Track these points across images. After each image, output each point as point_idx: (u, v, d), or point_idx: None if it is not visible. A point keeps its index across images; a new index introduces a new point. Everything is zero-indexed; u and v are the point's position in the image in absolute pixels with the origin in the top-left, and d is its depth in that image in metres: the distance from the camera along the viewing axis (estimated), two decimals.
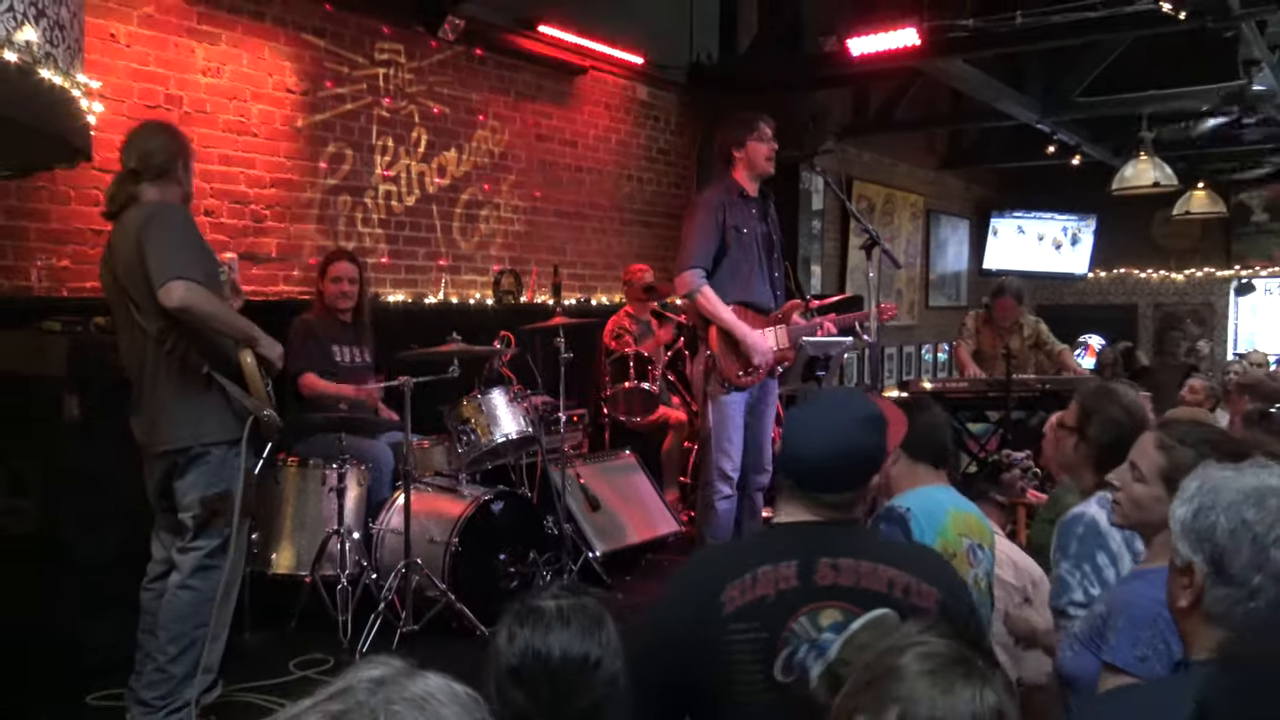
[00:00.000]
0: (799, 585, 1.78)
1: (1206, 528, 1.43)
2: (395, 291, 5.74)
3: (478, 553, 4.37)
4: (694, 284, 4.48)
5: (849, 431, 1.89)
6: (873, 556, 1.84)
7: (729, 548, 1.99)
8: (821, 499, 1.87)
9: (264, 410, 3.27)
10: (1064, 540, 2.54)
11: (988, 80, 7.35)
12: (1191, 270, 11.96)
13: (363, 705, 0.76)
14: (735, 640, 1.74)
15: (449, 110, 6.00)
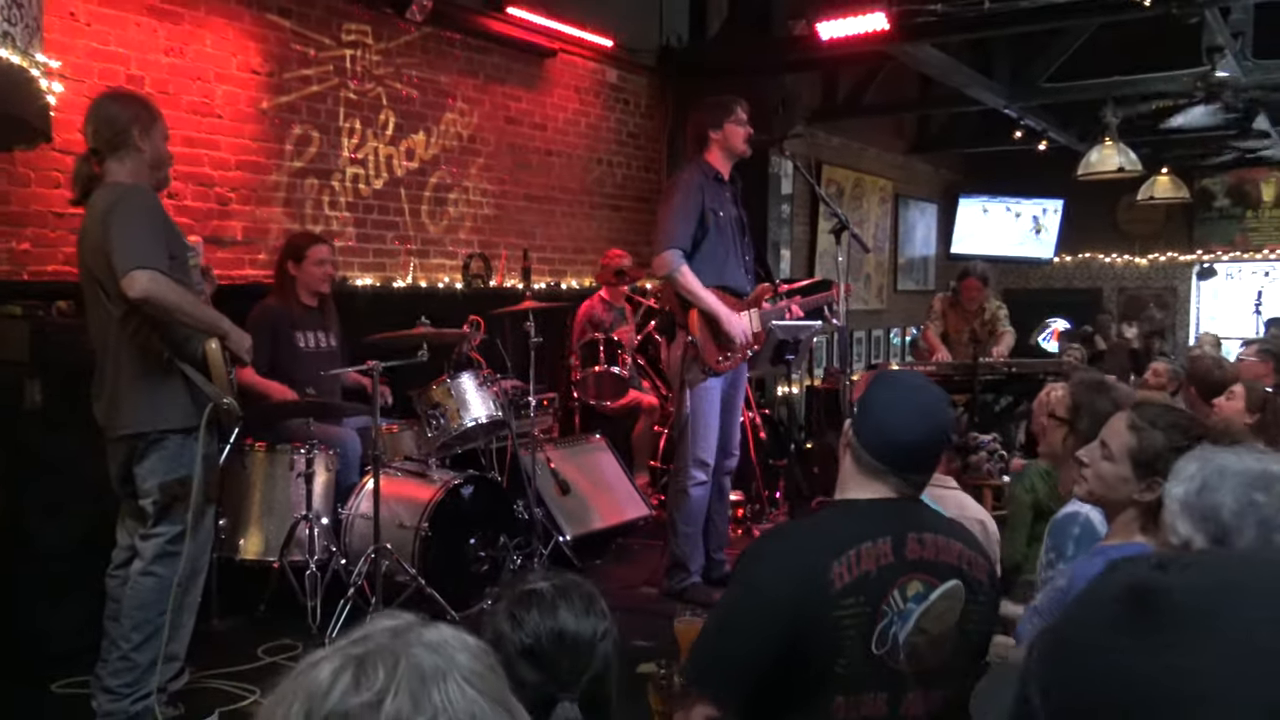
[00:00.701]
0: (894, 560, 1.85)
1: (1211, 507, 1.45)
2: (363, 275, 5.70)
3: (448, 537, 4.36)
4: (673, 264, 4.46)
5: (945, 416, 2.00)
6: (945, 531, 1.95)
7: (820, 524, 2.00)
8: (910, 479, 1.94)
9: (224, 399, 3.23)
10: (1059, 541, 2.53)
11: (956, 65, 7.39)
12: (1155, 255, 12.10)
13: (384, 648, 0.80)
14: (844, 615, 1.81)
15: (417, 93, 5.95)
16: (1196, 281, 12.03)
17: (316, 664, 0.81)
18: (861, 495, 1.95)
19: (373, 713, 0.76)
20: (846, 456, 1.99)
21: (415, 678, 0.78)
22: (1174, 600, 0.59)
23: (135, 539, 3.30)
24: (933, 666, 1.87)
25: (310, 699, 0.78)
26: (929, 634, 1.84)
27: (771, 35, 7.45)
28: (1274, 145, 9.69)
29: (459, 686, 0.79)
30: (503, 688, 0.85)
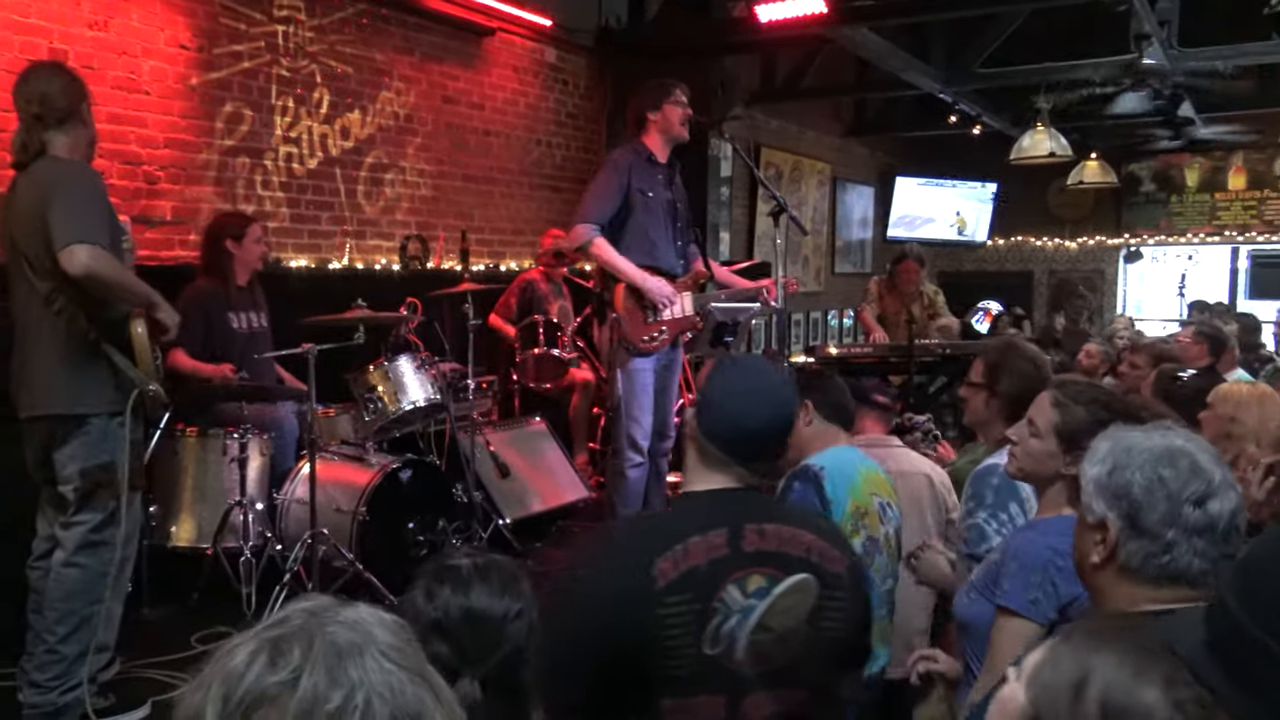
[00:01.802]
0: (729, 553, 1.77)
1: (1122, 485, 1.50)
2: (297, 257, 5.60)
3: (386, 521, 4.32)
4: (587, 236, 4.46)
5: (786, 399, 1.91)
6: (791, 521, 1.86)
7: (653, 519, 1.93)
8: (752, 467, 1.88)
9: (150, 384, 3.16)
10: (979, 490, 2.63)
11: (893, 50, 7.45)
12: (1084, 238, 12.37)
13: (300, 628, 0.81)
14: (670, 613, 1.72)
15: (352, 70, 5.85)
16: (1124, 264, 12.33)
17: (233, 648, 0.81)
18: (704, 487, 1.88)
19: (289, 691, 0.77)
20: (691, 448, 1.93)
21: (331, 654, 0.79)
22: None
23: (56, 528, 3.21)
24: (782, 665, 1.78)
25: (227, 681, 0.79)
26: (775, 631, 1.75)
27: (710, 17, 7.45)
28: (1198, 132, 9.95)
29: (376, 661, 0.80)
30: (422, 661, 0.85)
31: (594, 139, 7.71)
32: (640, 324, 4.52)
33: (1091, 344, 6.65)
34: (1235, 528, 1.46)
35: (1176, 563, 1.45)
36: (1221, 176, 11.67)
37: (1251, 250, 11.75)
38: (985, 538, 2.55)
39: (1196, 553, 1.44)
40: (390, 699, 0.79)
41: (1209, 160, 11.66)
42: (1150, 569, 1.47)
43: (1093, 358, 6.00)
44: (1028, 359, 2.81)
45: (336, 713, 0.77)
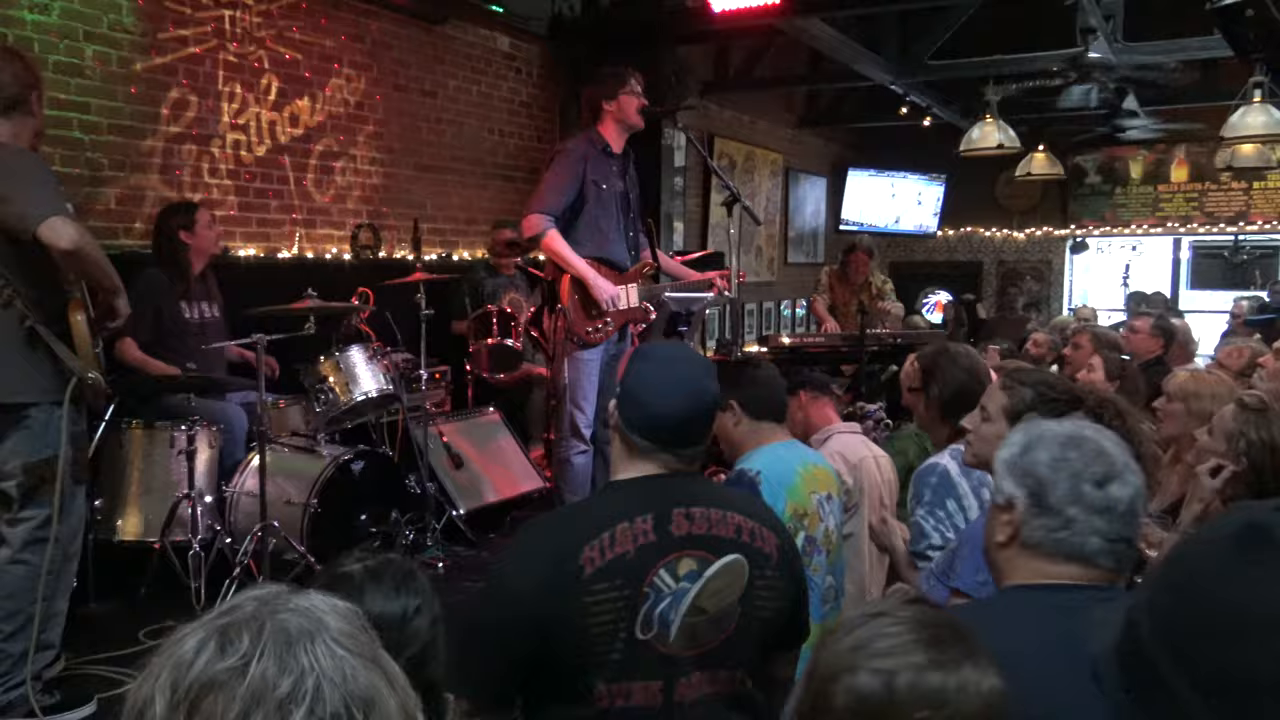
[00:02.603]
0: (656, 539, 1.78)
1: (1030, 463, 1.56)
2: (246, 246, 5.52)
3: (338, 513, 4.29)
4: (541, 227, 4.44)
5: (703, 384, 1.92)
6: (719, 504, 1.88)
7: (578, 509, 1.94)
8: (680, 453, 1.88)
9: (89, 373, 3.09)
10: (919, 489, 2.70)
11: (844, 41, 7.50)
12: (1031, 229, 12.56)
13: (250, 616, 0.81)
14: (597, 601, 1.73)
15: (301, 57, 5.77)
16: (1070, 255, 12.54)
17: (182, 637, 0.81)
18: (631, 475, 1.89)
19: (238, 677, 0.77)
20: (616, 438, 1.94)
21: (281, 641, 0.79)
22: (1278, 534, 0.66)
23: (1, 526, 3.13)
24: (716, 646, 1.80)
25: (175, 670, 0.79)
26: (709, 612, 1.78)
27: (664, 7, 7.44)
28: (1142, 125, 10.14)
29: (327, 648, 0.80)
30: (375, 648, 0.85)
31: (547, 128, 7.68)
32: (585, 315, 4.52)
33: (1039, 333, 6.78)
34: (1134, 512, 1.53)
35: (1075, 539, 1.51)
36: (1164, 169, 11.90)
37: (1193, 241, 12.01)
38: (924, 535, 2.63)
39: (1094, 531, 1.51)
40: (341, 684, 0.79)
41: (1152, 153, 11.88)
42: (1049, 545, 1.53)
43: (1040, 346, 6.12)
44: (958, 363, 2.89)
45: (286, 698, 0.77)
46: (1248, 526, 0.68)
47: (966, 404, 2.72)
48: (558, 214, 4.47)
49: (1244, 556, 0.67)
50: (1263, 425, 2.35)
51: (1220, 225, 11.67)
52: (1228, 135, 7.53)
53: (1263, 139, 8.00)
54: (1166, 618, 0.69)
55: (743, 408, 2.76)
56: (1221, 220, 11.65)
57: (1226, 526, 0.71)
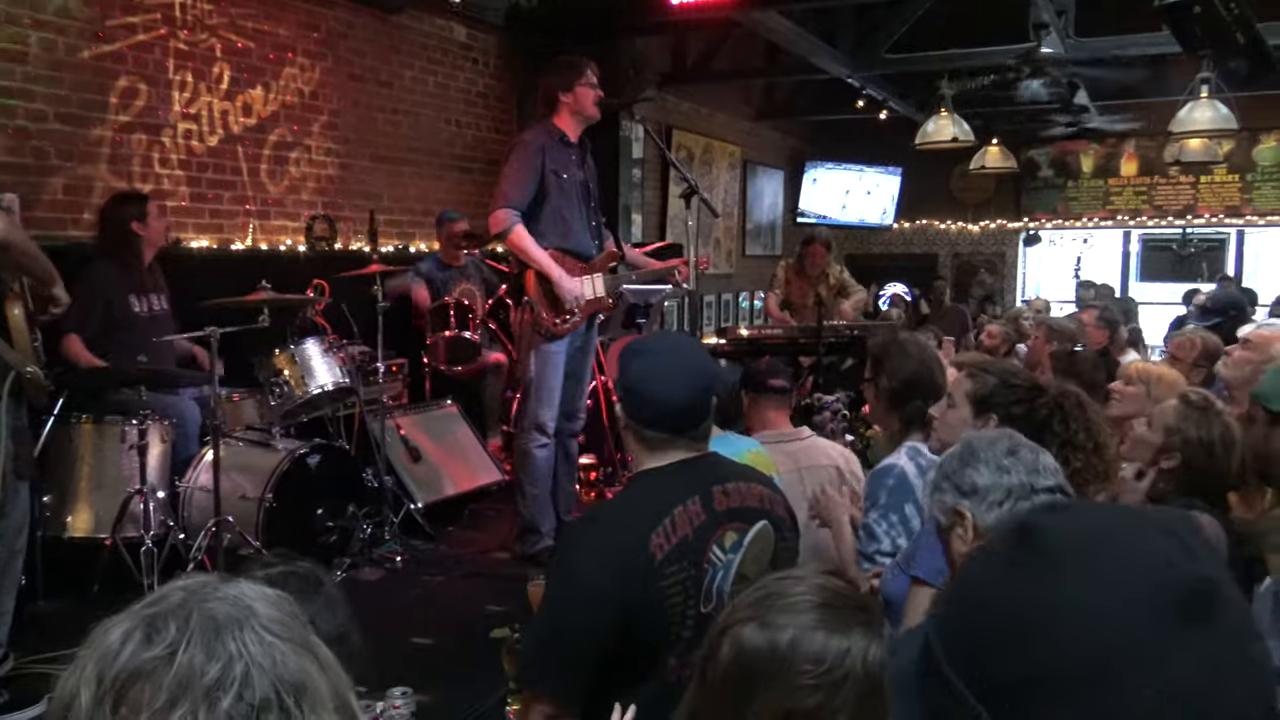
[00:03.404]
0: (706, 517, 1.90)
1: (951, 472, 1.72)
2: (198, 237, 5.44)
3: (294, 508, 4.25)
4: (507, 222, 4.42)
5: (702, 366, 2.03)
6: (743, 477, 2.02)
7: (629, 500, 2.00)
8: (696, 435, 1.98)
9: (27, 367, 3.03)
10: (874, 490, 2.69)
11: (801, 34, 7.53)
12: (986, 222, 12.71)
13: (177, 605, 0.81)
14: (670, 584, 1.83)
15: (254, 45, 5.68)
16: (1023, 247, 12.71)
17: (108, 628, 0.81)
18: (658, 464, 1.97)
19: (165, 666, 0.77)
20: (629, 437, 2.00)
21: (209, 629, 0.79)
22: (1050, 538, 0.67)
23: None
24: None
25: (101, 660, 0.78)
26: (750, 578, 1.87)
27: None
28: (1093, 119, 10.28)
29: (256, 634, 0.80)
30: (305, 634, 0.85)
31: (505, 119, 7.64)
32: (553, 308, 4.51)
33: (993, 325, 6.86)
34: (1052, 468, 1.67)
35: (1021, 505, 1.62)
36: (1115, 163, 12.10)
37: (1142, 234, 12.22)
38: (875, 538, 2.61)
39: (1031, 489, 1.63)
40: (270, 669, 0.79)
41: (1103, 147, 12.07)
42: (1003, 520, 1.61)
43: (994, 338, 6.19)
44: (908, 352, 2.88)
45: (214, 685, 0.76)
46: (1018, 530, 0.69)
47: (916, 393, 2.75)
48: (523, 208, 4.44)
49: (1011, 560, 0.68)
50: (1203, 424, 2.38)
51: (1168, 218, 11.88)
52: (1176, 130, 7.67)
53: (1209, 134, 8.17)
54: (952, 634, 0.69)
55: None
56: (1170, 213, 11.87)
57: (1003, 532, 0.72)
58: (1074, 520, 0.70)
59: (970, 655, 0.67)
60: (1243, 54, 6.05)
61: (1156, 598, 0.63)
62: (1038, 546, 0.67)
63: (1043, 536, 0.67)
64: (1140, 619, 0.63)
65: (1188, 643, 0.62)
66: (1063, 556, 0.66)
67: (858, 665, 1.17)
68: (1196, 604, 0.63)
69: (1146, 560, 0.66)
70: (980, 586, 0.69)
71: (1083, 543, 0.67)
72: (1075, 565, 0.66)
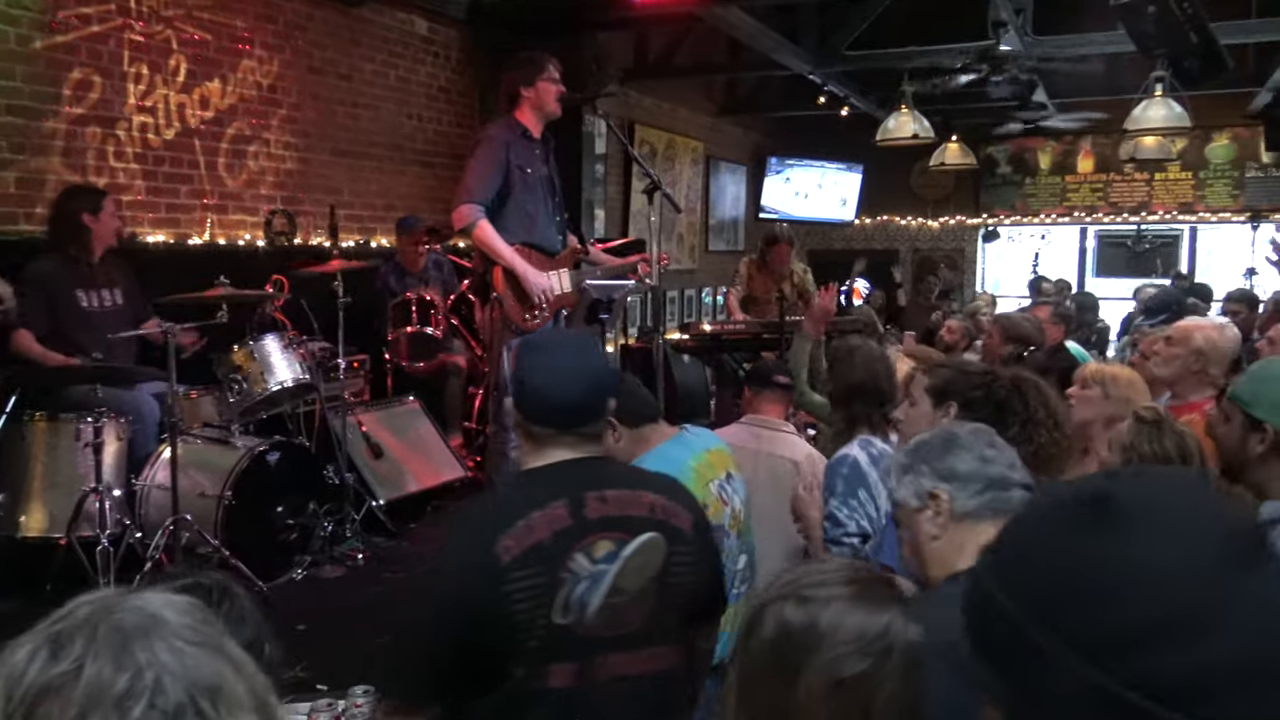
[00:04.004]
0: (572, 524, 1.81)
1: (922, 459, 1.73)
2: (155, 231, 5.36)
3: (253, 506, 4.21)
4: (472, 217, 4.39)
5: (591, 360, 1.99)
6: (632, 484, 1.94)
7: (493, 500, 1.98)
8: (584, 433, 1.92)
9: None
10: (831, 480, 2.82)
11: (763, 30, 7.55)
12: (945, 218, 12.83)
13: (83, 620, 0.81)
14: (517, 589, 1.75)
15: (211, 37, 5.61)
16: (982, 243, 12.85)
17: (14, 647, 0.81)
18: (542, 463, 1.93)
19: (73, 680, 0.77)
20: (519, 432, 1.99)
21: (116, 640, 0.79)
22: (1120, 500, 0.75)
23: None
24: (638, 626, 1.84)
25: (8, 681, 0.78)
26: (629, 592, 1.80)
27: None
28: (1051, 117, 10.41)
29: (165, 642, 0.80)
30: (218, 637, 0.85)
31: (467, 113, 7.60)
32: (521, 304, 4.49)
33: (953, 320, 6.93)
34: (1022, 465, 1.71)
35: (1002, 495, 1.65)
36: (1071, 160, 12.26)
37: (1098, 230, 12.40)
38: (839, 523, 2.73)
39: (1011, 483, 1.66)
40: (183, 675, 0.79)
41: (1060, 144, 12.22)
42: (985, 509, 1.65)
43: (954, 333, 6.25)
44: (856, 362, 3.15)
45: (124, 695, 0.77)
46: (1089, 496, 0.76)
47: (857, 399, 3.06)
48: (487, 203, 4.41)
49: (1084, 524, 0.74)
50: (1154, 438, 2.41)
51: (1124, 215, 12.07)
52: (1131, 128, 7.79)
53: (1163, 132, 8.31)
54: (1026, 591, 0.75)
55: (620, 421, 2.72)
56: (1125, 210, 12.05)
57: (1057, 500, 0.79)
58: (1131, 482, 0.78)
59: (1057, 616, 0.73)
60: (1196, 53, 6.16)
61: (1216, 544, 0.73)
62: (1105, 510, 0.74)
63: (1115, 500, 0.75)
64: (1207, 563, 0.72)
65: (1249, 585, 0.71)
66: (1134, 517, 0.74)
67: (899, 639, 1.19)
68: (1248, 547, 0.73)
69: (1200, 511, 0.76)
70: (1057, 549, 0.76)
71: (1146, 500, 0.75)
72: (1143, 522, 0.74)
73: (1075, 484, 0.80)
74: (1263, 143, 10.79)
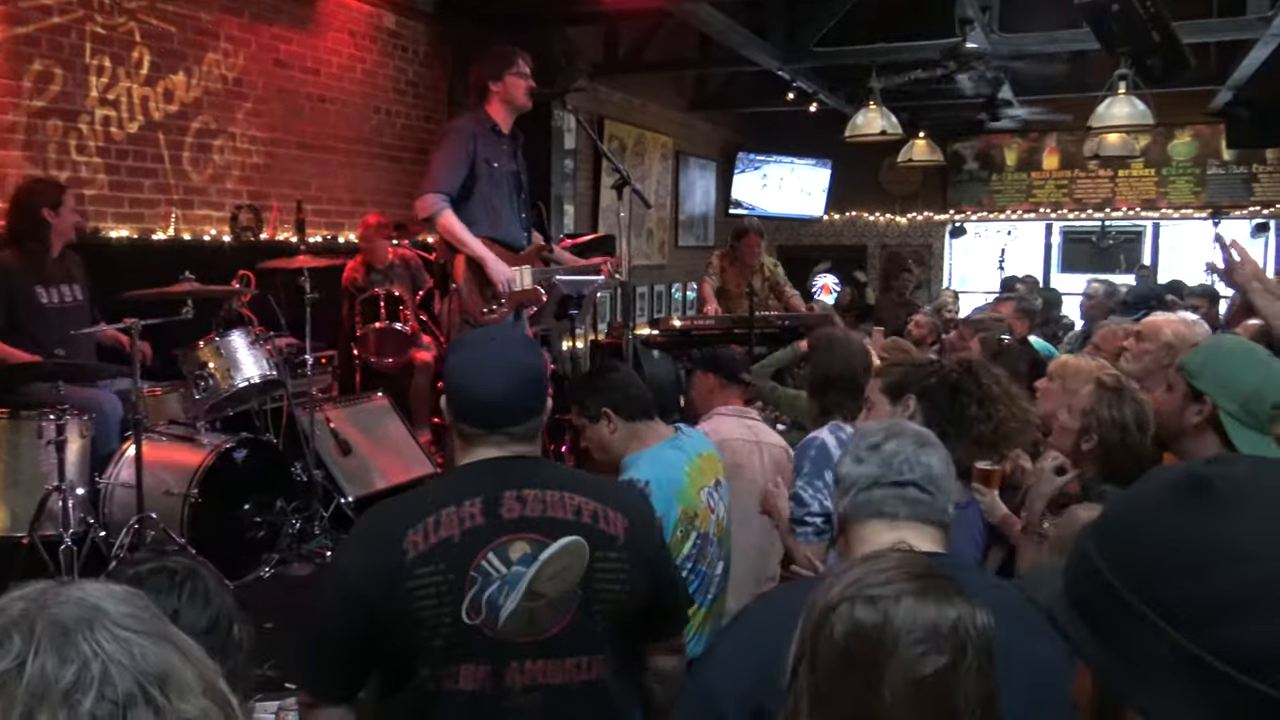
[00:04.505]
0: (484, 522, 1.77)
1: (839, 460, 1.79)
2: (118, 226, 5.29)
3: (220, 503, 4.18)
4: (436, 207, 4.36)
5: (521, 358, 1.92)
6: (559, 485, 1.85)
7: (408, 496, 1.93)
8: (512, 432, 1.86)
9: None
10: (799, 461, 2.87)
11: (732, 26, 7.56)
12: (913, 214, 12.92)
13: (18, 616, 0.78)
14: (419, 586, 1.72)
15: (175, 29, 5.54)
16: (949, 239, 12.95)
17: None
18: (468, 461, 1.89)
19: (15, 678, 0.75)
20: (452, 433, 1.97)
21: (57, 634, 0.77)
22: (1218, 484, 0.80)
23: None
24: (557, 632, 1.78)
25: None
26: (547, 596, 1.75)
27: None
28: (1016, 114, 10.51)
29: (109, 631, 0.78)
30: (162, 624, 0.83)
31: (435, 108, 7.56)
32: (480, 296, 4.47)
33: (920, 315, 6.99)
34: (913, 461, 1.68)
35: (861, 496, 1.68)
36: (1037, 156, 12.38)
37: (1063, 226, 12.53)
38: (803, 504, 2.76)
39: (873, 481, 1.68)
40: (130, 664, 0.78)
41: (1026, 141, 12.34)
42: (855, 511, 1.69)
43: (921, 328, 6.31)
44: (835, 353, 3.18)
45: (71, 688, 0.75)
46: (1184, 477, 0.82)
47: (834, 389, 3.09)
48: (452, 193, 4.39)
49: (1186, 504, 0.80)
50: (1115, 404, 2.45)
51: (1088, 211, 12.20)
52: (1095, 125, 7.88)
53: (1127, 129, 8.40)
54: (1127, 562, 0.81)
55: (616, 412, 2.75)
56: (1089, 206, 12.19)
57: (1162, 481, 0.84)
58: (1228, 467, 0.83)
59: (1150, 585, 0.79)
60: (1159, 52, 6.23)
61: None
62: (1208, 491, 0.80)
63: (1213, 483, 0.80)
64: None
65: None
66: (1229, 500, 0.80)
67: (971, 630, 1.19)
68: None
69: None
70: (1159, 526, 0.81)
71: (1246, 481, 0.81)
72: (1239, 505, 0.79)
73: (1181, 468, 0.86)
74: (1224, 140, 10.95)
